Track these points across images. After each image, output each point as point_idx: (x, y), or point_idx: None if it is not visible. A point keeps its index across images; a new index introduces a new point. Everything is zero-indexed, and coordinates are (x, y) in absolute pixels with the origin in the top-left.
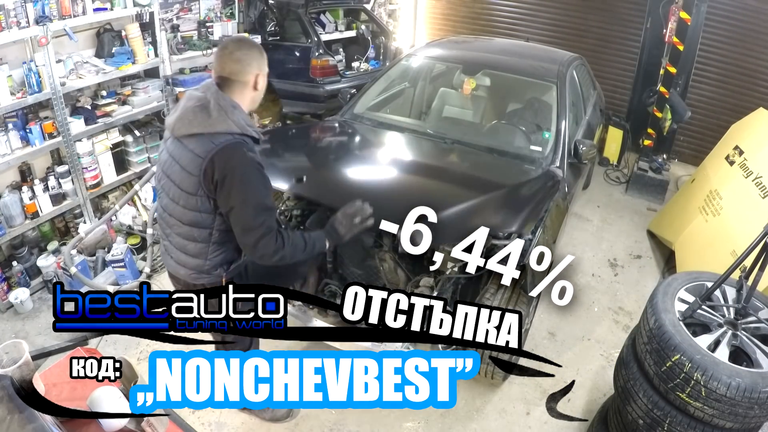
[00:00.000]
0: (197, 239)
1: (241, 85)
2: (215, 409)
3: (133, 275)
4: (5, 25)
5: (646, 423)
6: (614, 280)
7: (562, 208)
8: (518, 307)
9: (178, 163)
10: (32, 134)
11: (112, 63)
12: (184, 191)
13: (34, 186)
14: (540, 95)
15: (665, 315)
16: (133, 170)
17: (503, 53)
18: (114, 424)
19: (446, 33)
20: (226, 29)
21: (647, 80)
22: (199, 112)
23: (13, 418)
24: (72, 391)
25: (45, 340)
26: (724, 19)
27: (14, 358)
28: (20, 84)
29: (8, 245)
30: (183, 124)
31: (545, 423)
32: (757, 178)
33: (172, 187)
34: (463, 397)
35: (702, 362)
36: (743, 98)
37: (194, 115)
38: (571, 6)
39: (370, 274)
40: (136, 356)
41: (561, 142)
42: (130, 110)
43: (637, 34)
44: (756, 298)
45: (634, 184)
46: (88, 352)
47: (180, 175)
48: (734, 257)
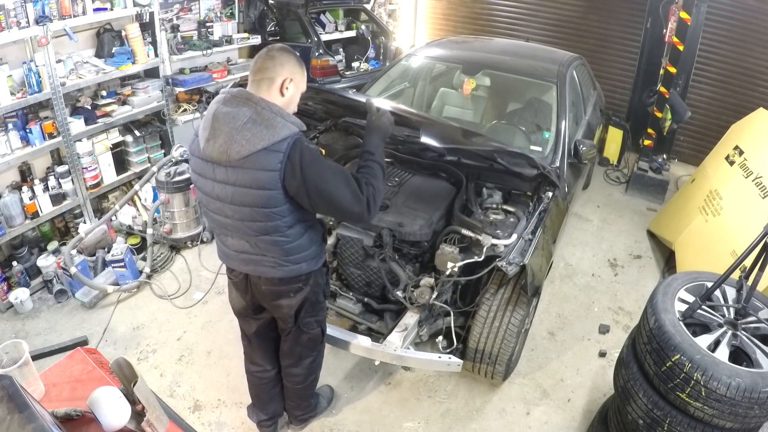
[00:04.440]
0: (280, 243)
1: (268, 82)
2: (215, 409)
3: (133, 275)
4: (5, 25)
5: (646, 423)
6: (614, 280)
7: (562, 208)
8: (518, 307)
9: (243, 187)
10: (32, 134)
11: (112, 63)
12: (261, 208)
13: (34, 186)
14: (540, 95)
15: (665, 315)
16: (133, 170)
17: (503, 53)
18: (114, 424)
19: (446, 33)
20: (226, 29)
21: (647, 80)
22: (254, 127)
23: (13, 418)
24: (72, 391)
25: (45, 340)
26: (724, 19)
27: (14, 358)
28: (20, 84)
29: (8, 245)
30: (240, 147)
31: (545, 423)
32: (757, 178)
33: (242, 210)
34: (463, 397)
35: (702, 362)
36: (743, 98)
37: (250, 132)
38: (571, 6)
39: (370, 274)
40: (136, 356)
41: (561, 142)
42: (130, 110)
43: (637, 34)
44: (756, 298)
45: (634, 184)
46: (88, 352)
47: (251, 196)
48: (734, 257)
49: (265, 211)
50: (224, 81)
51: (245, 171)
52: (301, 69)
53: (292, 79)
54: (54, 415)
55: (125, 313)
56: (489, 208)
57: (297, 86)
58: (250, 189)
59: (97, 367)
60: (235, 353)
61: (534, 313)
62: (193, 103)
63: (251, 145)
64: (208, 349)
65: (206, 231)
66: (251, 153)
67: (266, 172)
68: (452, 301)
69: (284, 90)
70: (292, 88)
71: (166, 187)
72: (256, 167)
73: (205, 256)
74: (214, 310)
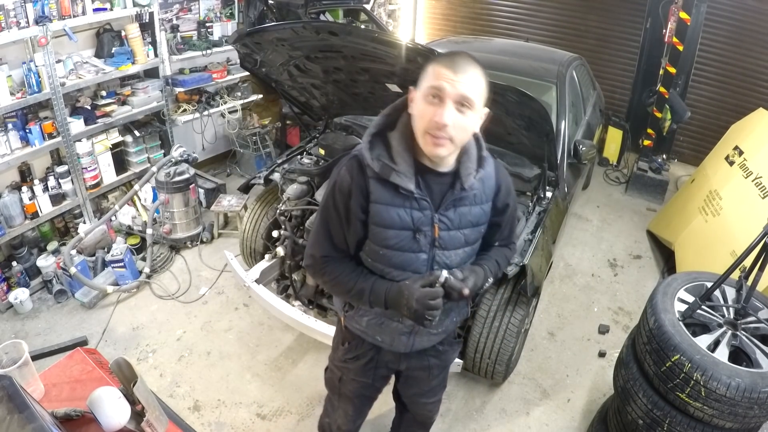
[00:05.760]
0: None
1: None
2: (215, 409)
3: (133, 275)
4: (5, 25)
5: (646, 423)
6: (614, 280)
7: (562, 208)
8: (518, 307)
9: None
10: (32, 134)
11: (112, 63)
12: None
13: (34, 186)
14: (540, 95)
15: (665, 315)
16: (133, 170)
17: (503, 53)
18: (114, 424)
19: (446, 33)
20: (225, 29)
21: (647, 80)
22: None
23: (13, 418)
24: (72, 392)
25: (45, 340)
26: (724, 19)
27: (14, 358)
28: (20, 84)
29: (8, 245)
30: None
31: (545, 423)
32: (757, 178)
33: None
34: (463, 397)
35: (702, 362)
36: (743, 98)
37: None
38: (571, 6)
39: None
40: (136, 356)
41: (561, 142)
42: (130, 110)
43: (637, 34)
44: (755, 298)
45: (633, 184)
46: (87, 352)
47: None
48: (734, 257)
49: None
50: (224, 81)
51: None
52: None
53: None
54: (54, 415)
55: (125, 313)
56: None
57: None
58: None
59: (96, 368)
60: (234, 353)
61: (534, 313)
62: (193, 104)
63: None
64: (207, 349)
65: (206, 231)
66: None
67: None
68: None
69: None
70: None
71: (166, 187)
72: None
73: (206, 256)
74: (214, 310)
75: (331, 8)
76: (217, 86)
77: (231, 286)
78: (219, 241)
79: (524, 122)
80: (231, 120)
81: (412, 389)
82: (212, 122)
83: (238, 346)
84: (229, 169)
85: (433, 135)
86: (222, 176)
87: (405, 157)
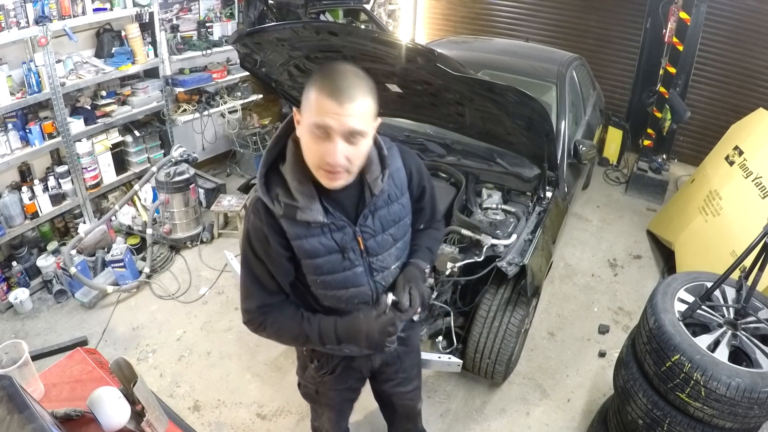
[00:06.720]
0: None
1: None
2: (215, 409)
3: (133, 275)
4: (5, 25)
5: (646, 423)
6: (614, 280)
7: (562, 208)
8: (518, 307)
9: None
10: (32, 134)
11: (112, 63)
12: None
13: (34, 186)
14: (540, 95)
15: (665, 315)
16: (133, 170)
17: (503, 53)
18: (114, 424)
19: (446, 33)
20: (225, 29)
21: (647, 80)
22: None
23: (13, 418)
24: (72, 392)
25: (45, 340)
26: (724, 19)
27: (14, 358)
28: (20, 84)
29: (8, 245)
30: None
31: (545, 423)
32: (757, 178)
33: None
34: (462, 398)
35: (702, 362)
36: (743, 98)
37: None
38: (571, 6)
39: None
40: (136, 356)
41: (561, 142)
42: (130, 110)
43: (637, 34)
44: (755, 298)
45: (633, 184)
46: (87, 352)
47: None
48: (734, 257)
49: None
50: (224, 81)
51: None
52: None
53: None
54: (54, 415)
55: (125, 313)
56: (489, 209)
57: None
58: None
59: (96, 368)
60: (234, 353)
61: (534, 313)
62: (193, 103)
63: None
64: (207, 349)
65: (205, 231)
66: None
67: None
68: (452, 301)
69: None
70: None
71: (166, 187)
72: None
73: (206, 256)
74: (214, 310)
75: (331, 8)
76: (217, 86)
77: (231, 286)
78: (219, 241)
79: (524, 122)
80: (231, 120)
81: (388, 383)
82: (212, 122)
83: (238, 346)
84: (229, 169)
85: (327, 170)
86: (222, 176)
87: (303, 190)
